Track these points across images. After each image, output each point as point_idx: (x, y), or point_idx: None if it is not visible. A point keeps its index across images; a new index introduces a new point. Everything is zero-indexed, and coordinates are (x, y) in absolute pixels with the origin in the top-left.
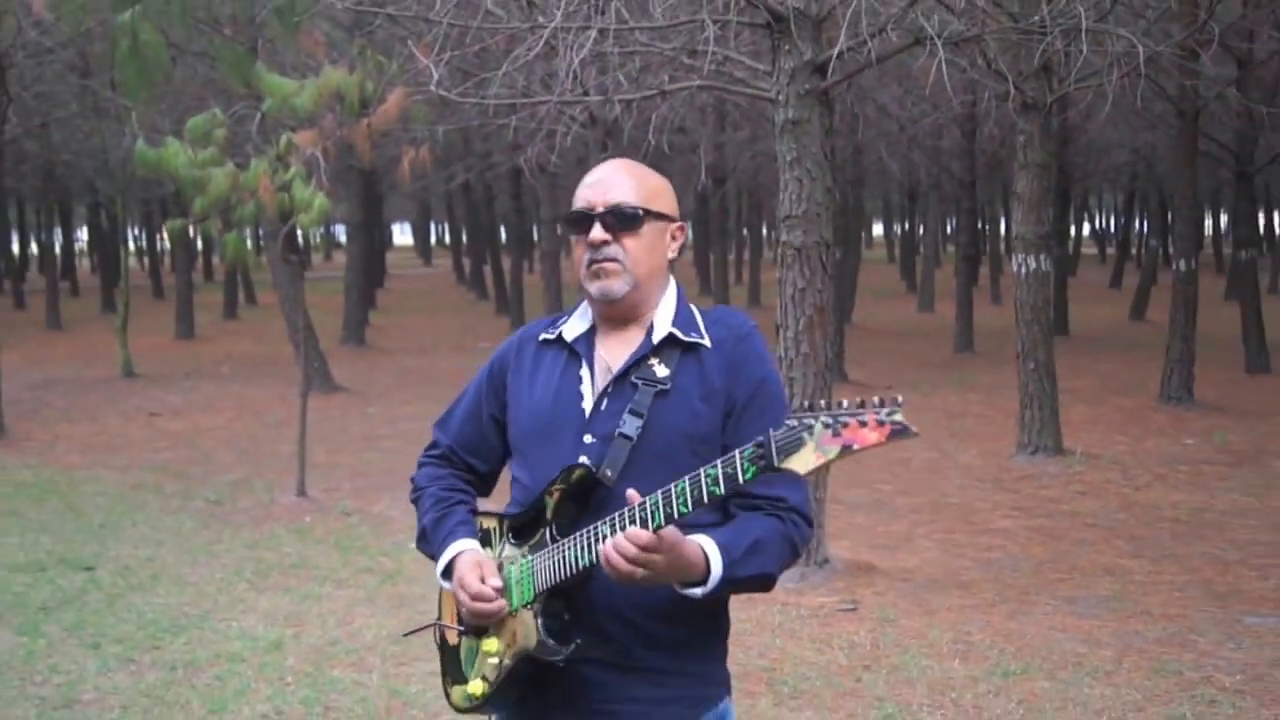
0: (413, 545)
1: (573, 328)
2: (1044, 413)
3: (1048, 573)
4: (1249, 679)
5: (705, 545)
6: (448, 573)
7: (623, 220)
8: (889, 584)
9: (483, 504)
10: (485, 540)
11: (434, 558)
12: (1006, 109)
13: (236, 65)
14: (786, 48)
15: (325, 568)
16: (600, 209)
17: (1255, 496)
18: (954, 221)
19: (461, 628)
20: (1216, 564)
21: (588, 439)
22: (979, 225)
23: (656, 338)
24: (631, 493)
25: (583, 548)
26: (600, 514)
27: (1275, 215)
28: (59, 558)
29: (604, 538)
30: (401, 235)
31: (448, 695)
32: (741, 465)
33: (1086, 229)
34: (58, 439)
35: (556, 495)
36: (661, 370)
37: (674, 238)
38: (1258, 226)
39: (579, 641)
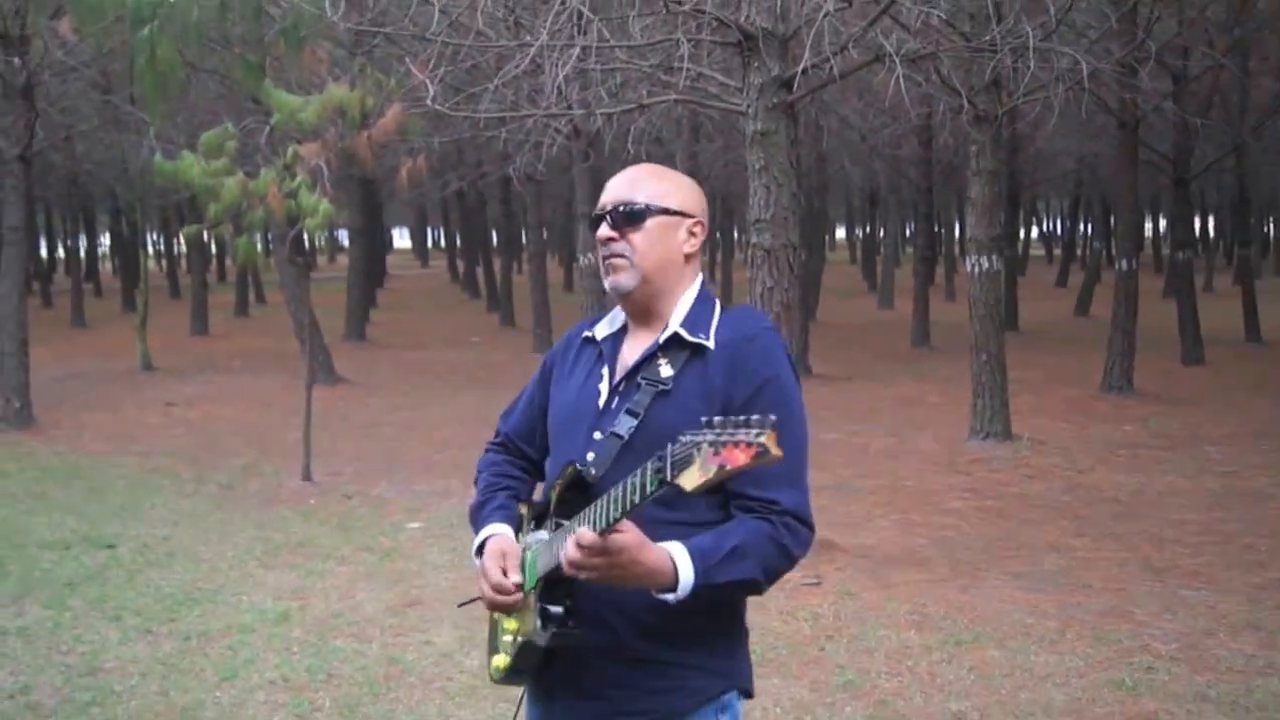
0: (409, 525)
1: (604, 328)
2: (994, 401)
3: (997, 550)
4: (1183, 647)
5: (674, 553)
6: (482, 552)
7: (627, 216)
8: (849, 560)
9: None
10: (520, 526)
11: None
12: (960, 121)
13: (251, 74)
14: (755, 64)
15: (328, 546)
16: (609, 208)
17: (1189, 479)
18: (912, 225)
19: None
20: (1153, 541)
21: (597, 435)
22: (935, 228)
23: (664, 338)
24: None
25: (562, 542)
26: None
27: (1210, 219)
28: (83, 536)
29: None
30: (400, 239)
31: (488, 666)
32: (648, 478)
33: (1035, 232)
34: (82, 427)
35: (558, 489)
36: (666, 370)
37: (691, 233)
38: (1193, 229)
39: (554, 630)
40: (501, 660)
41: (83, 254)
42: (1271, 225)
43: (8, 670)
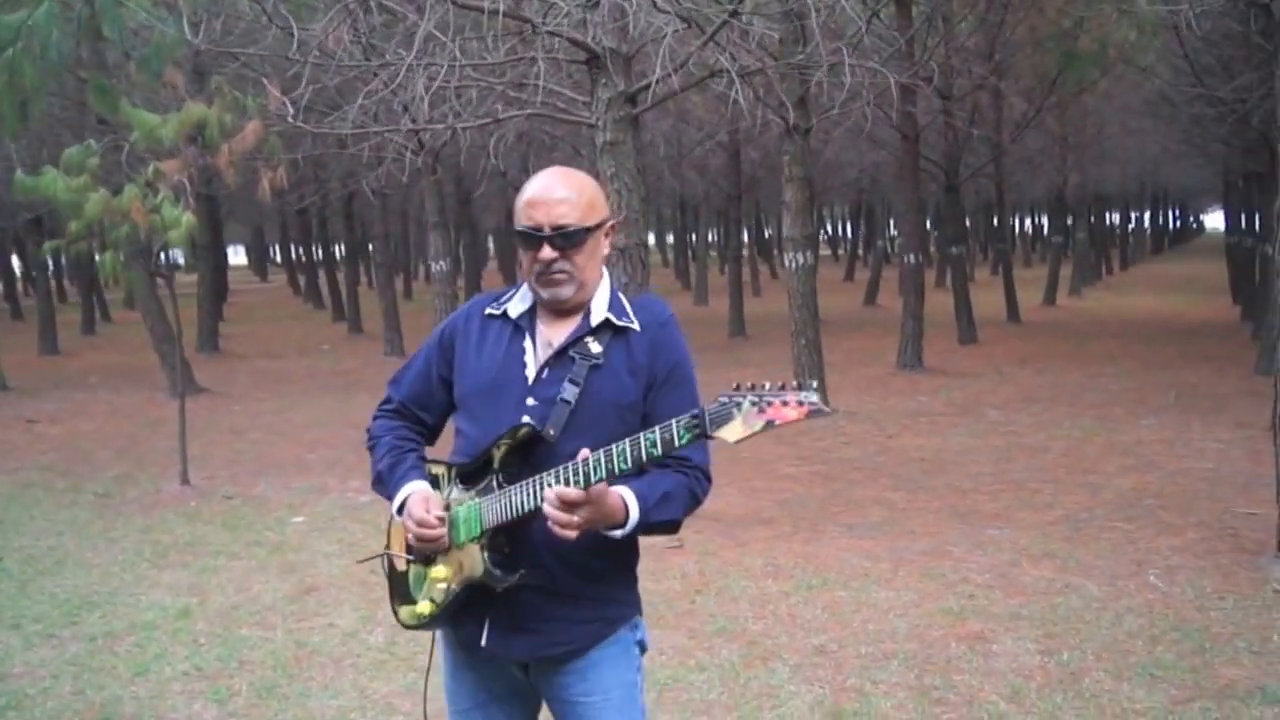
0: (294, 520)
1: (516, 306)
2: (813, 380)
3: (830, 507)
4: (995, 576)
5: (625, 495)
6: (401, 510)
7: (569, 239)
8: (705, 524)
9: (430, 453)
10: (435, 484)
11: (389, 497)
12: (766, 137)
13: (105, 97)
14: (604, 80)
15: (217, 544)
16: (548, 230)
17: (978, 438)
18: (720, 230)
19: (410, 556)
20: (957, 492)
21: (530, 401)
22: (743, 233)
23: (594, 321)
24: (584, 451)
25: (528, 494)
26: (541, 467)
27: (967, 220)
28: None
29: (548, 486)
30: (235, 256)
31: (396, 614)
32: (678, 432)
33: (822, 235)
34: None
35: (504, 448)
36: (595, 348)
37: (607, 235)
38: (962, 228)
39: (523, 571)
40: (426, 607)
41: None
42: (1017, 223)
43: None
